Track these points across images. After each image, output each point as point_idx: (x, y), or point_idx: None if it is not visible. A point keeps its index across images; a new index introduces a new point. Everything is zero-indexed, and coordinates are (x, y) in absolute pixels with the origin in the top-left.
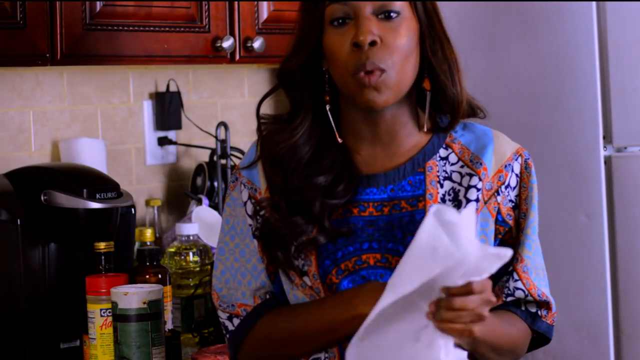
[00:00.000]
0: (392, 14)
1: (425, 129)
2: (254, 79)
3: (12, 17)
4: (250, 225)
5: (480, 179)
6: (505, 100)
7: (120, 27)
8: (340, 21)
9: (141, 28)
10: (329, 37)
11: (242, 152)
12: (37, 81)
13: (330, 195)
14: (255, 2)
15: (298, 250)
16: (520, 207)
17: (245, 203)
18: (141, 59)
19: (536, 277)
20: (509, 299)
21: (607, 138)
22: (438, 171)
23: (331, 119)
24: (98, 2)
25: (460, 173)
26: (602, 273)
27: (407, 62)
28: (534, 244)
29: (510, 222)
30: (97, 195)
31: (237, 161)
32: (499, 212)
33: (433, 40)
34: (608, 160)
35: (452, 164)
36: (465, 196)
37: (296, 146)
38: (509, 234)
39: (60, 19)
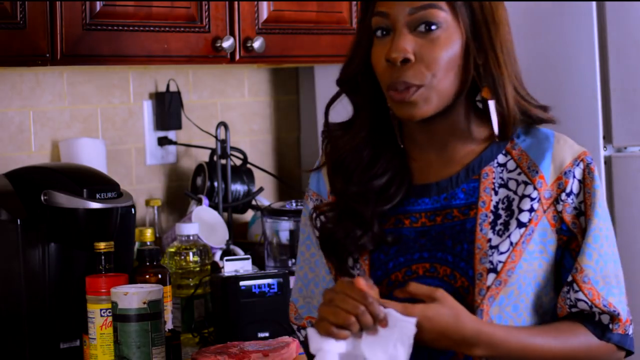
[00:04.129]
0: (432, 27)
1: (496, 136)
2: (254, 79)
3: (12, 17)
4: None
5: (535, 188)
6: None
7: (120, 27)
8: (382, 32)
9: (141, 28)
10: (373, 48)
11: (242, 152)
12: (37, 81)
13: (381, 200)
14: (255, 2)
15: (352, 256)
16: (585, 214)
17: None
18: (141, 59)
19: (604, 287)
20: (574, 310)
21: (607, 138)
22: (494, 178)
23: (395, 124)
24: (98, 2)
25: (516, 181)
26: None
27: (448, 74)
28: (596, 252)
29: (576, 230)
30: (97, 195)
31: (237, 161)
32: (562, 220)
33: (478, 52)
34: (608, 160)
35: (510, 171)
36: (518, 206)
37: (356, 150)
38: (576, 242)
39: (60, 19)
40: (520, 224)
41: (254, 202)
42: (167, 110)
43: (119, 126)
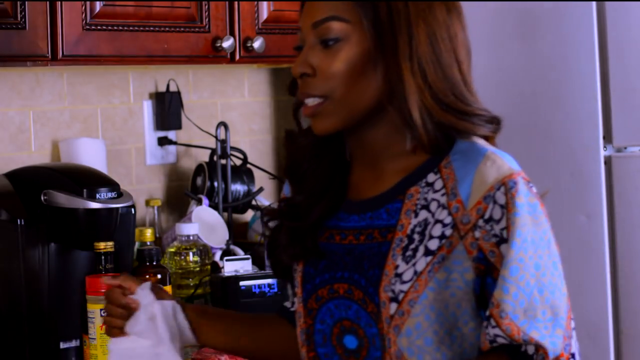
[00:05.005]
0: (329, 42)
1: (408, 148)
2: (254, 79)
3: (12, 17)
4: None
5: (450, 213)
6: (505, 100)
7: (120, 27)
8: (299, 49)
9: (141, 28)
10: None
11: (242, 152)
12: (37, 81)
13: (317, 212)
14: (255, 2)
15: (289, 264)
16: (506, 242)
17: None
18: (141, 59)
19: (525, 321)
20: (495, 344)
21: (607, 138)
22: (418, 199)
23: (345, 136)
24: (98, 2)
25: (438, 202)
26: (602, 273)
27: (353, 86)
28: (514, 285)
29: (494, 259)
30: (97, 195)
31: (237, 161)
32: (479, 249)
33: (382, 59)
34: (608, 160)
35: (436, 191)
36: (430, 231)
37: (306, 158)
38: (497, 272)
39: (60, 19)
40: (428, 252)
41: (254, 202)
42: (167, 110)
43: (119, 126)
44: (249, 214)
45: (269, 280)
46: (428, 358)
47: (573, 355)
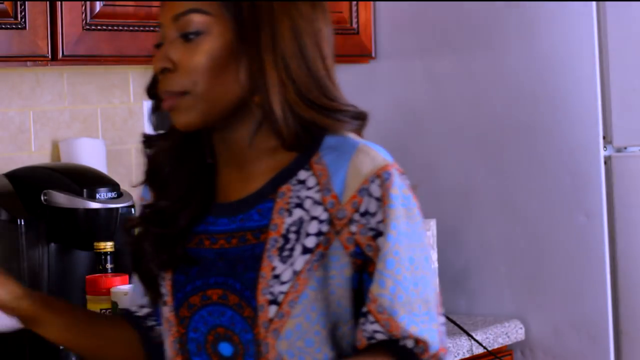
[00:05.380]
0: (189, 36)
1: (252, 148)
2: None
3: (12, 17)
4: None
5: (325, 209)
6: (505, 100)
7: (120, 27)
8: (159, 46)
9: (141, 28)
10: None
11: None
12: (37, 81)
13: (184, 218)
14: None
15: (158, 273)
16: (382, 235)
17: None
18: (141, 59)
19: (405, 316)
20: (373, 341)
21: (607, 138)
22: (290, 197)
23: (204, 138)
24: (98, 2)
25: (312, 199)
26: (602, 273)
27: (216, 81)
28: (391, 279)
29: (371, 253)
30: (97, 195)
31: None
32: (356, 243)
33: (245, 54)
34: (608, 160)
35: (309, 189)
36: (306, 229)
37: (168, 162)
38: (374, 266)
39: (60, 19)
40: (305, 250)
41: None
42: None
43: (119, 126)
44: None
45: None
46: (308, 358)
47: (447, 350)
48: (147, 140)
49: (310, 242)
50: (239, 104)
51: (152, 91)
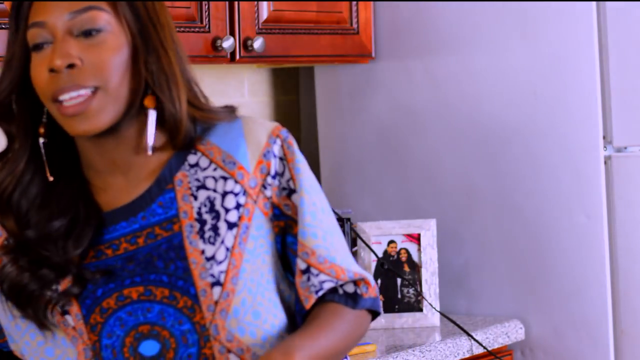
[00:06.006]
0: (92, 32)
1: (149, 151)
2: (253, 79)
3: None
4: None
5: (237, 182)
6: (505, 100)
7: None
8: (41, 46)
9: None
10: (31, 64)
11: None
12: None
13: (70, 243)
14: (255, 2)
15: (55, 302)
16: (295, 191)
17: None
18: None
19: (342, 260)
20: (320, 293)
21: (607, 138)
22: (189, 182)
23: (43, 154)
24: None
25: (214, 177)
26: (602, 273)
27: (122, 78)
28: (320, 229)
29: (290, 212)
30: None
31: None
32: (274, 206)
33: (147, 53)
34: (608, 160)
35: (204, 169)
36: (222, 205)
37: (22, 184)
38: (296, 226)
39: None
40: (231, 225)
41: None
42: None
43: None
44: None
45: None
46: (260, 332)
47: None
48: None
49: (233, 216)
50: (133, 104)
51: (8, 110)
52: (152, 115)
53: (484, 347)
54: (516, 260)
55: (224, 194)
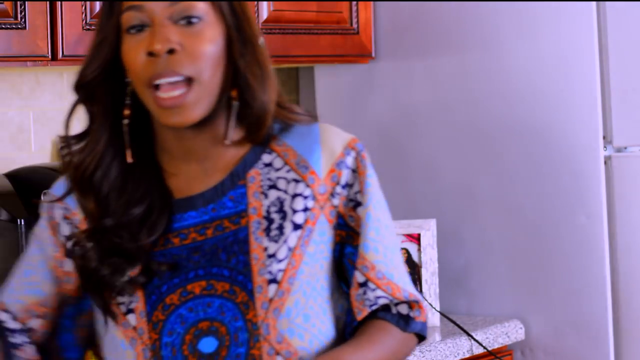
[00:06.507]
0: (192, 19)
1: (229, 141)
2: None
3: (12, 17)
4: (62, 244)
5: (307, 185)
6: (505, 100)
7: None
8: (137, 29)
9: None
10: (125, 46)
11: None
12: (37, 81)
13: (144, 231)
14: (255, 2)
15: (121, 290)
16: (362, 205)
17: (57, 225)
18: None
19: (399, 279)
20: (374, 307)
21: (607, 138)
22: (262, 180)
23: (126, 136)
24: (98, 2)
25: (286, 179)
26: (602, 273)
27: (216, 70)
28: (382, 245)
29: (354, 224)
30: None
31: None
32: (339, 215)
33: (243, 45)
34: (608, 160)
35: (278, 169)
36: (291, 206)
37: (103, 166)
38: (357, 237)
39: (60, 19)
40: (296, 226)
41: None
42: None
43: None
44: None
45: None
46: (307, 336)
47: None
48: (66, 144)
49: (299, 218)
50: (221, 99)
51: (85, 88)
52: (235, 108)
53: (484, 347)
54: (516, 260)
55: (294, 196)
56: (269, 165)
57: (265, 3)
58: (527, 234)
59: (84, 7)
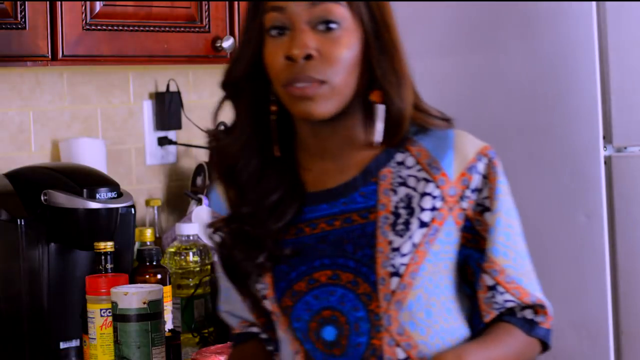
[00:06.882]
0: (331, 25)
1: (375, 143)
2: None
3: (12, 17)
4: None
5: (437, 186)
6: (505, 100)
7: (120, 27)
8: (278, 31)
9: (141, 28)
10: (266, 47)
11: None
12: (37, 81)
13: (274, 217)
14: None
15: (253, 276)
16: (491, 211)
17: None
18: (141, 59)
19: (528, 283)
20: (501, 310)
21: (607, 138)
22: (393, 178)
23: (273, 132)
24: (98, 2)
25: (416, 177)
26: (602, 273)
27: (349, 75)
28: (512, 250)
29: (480, 227)
30: (97, 195)
31: None
32: (466, 218)
33: (380, 51)
34: (608, 160)
35: (409, 168)
36: (419, 204)
37: (245, 157)
38: (484, 241)
39: (60, 19)
40: (422, 224)
41: None
42: (167, 110)
43: (119, 126)
44: None
45: None
46: (429, 331)
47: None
48: (214, 137)
49: (426, 216)
50: (356, 98)
51: (232, 86)
52: (381, 110)
53: None
54: None
55: (423, 194)
56: (401, 163)
57: None
58: (526, 233)
59: (84, 7)
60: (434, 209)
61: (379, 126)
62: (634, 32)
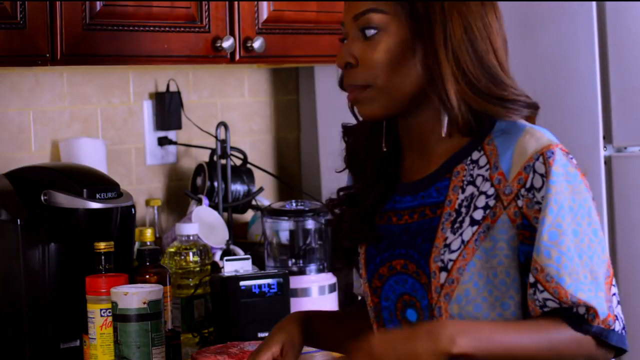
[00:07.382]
0: (368, 31)
1: (444, 134)
2: (254, 79)
3: (12, 17)
4: None
5: (492, 185)
6: None
7: (120, 27)
8: (343, 41)
9: (141, 28)
10: None
11: (242, 152)
12: (37, 81)
13: (365, 203)
14: (255, 2)
15: (350, 254)
16: (542, 209)
17: None
18: (141, 59)
19: (572, 283)
20: (545, 309)
21: (607, 138)
22: (464, 176)
23: (383, 129)
24: (98, 2)
25: (483, 177)
26: None
27: (395, 75)
28: (555, 249)
29: (536, 225)
30: (97, 195)
31: (237, 161)
32: (523, 216)
33: (423, 51)
34: (608, 160)
35: (480, 167)
36: (474, 202)
37: (359, 148)
38: None
39: (60, 19)
40: (473, 222)
41: (254, 202)
42: (167, 110)
43: (119, 126)
44: (249, 214)
45: (269, 280)
46: None
47: (616, 317)
48: (346, 131)
49: (478, 214)
50: (418, 94)
51: (341, 84)
52: (436, 103)
53: None
54: None
55: (480, 194)
56: (475, 162)
57: (265, 3)
58: None
59: (84, 7)
60: (486, 207)
61: (444, 120)
62: (634, 32)
